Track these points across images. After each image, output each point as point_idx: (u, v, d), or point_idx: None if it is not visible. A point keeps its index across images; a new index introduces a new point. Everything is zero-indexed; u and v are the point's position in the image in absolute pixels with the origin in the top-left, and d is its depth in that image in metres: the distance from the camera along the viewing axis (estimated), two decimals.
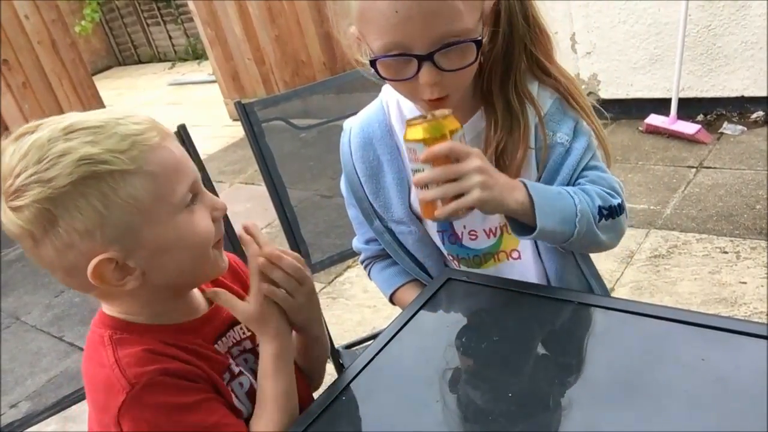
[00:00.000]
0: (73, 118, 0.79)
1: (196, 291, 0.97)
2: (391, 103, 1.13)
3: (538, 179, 1.05)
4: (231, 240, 1.53)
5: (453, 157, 0.89)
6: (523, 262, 1.14)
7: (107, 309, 0.89)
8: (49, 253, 0.79)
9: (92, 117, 0.80)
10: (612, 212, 1.04)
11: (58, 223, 0.76)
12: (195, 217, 0.85)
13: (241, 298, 0.98)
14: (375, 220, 1.18)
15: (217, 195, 1.51)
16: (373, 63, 0.94)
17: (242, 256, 1.54)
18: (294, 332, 0.98)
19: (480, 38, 0.93)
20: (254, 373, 0.95)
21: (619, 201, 1.06)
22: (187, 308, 0.94)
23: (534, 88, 1.05)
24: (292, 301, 0.92)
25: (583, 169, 1.06)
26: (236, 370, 0.94)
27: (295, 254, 0.93)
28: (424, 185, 0.91)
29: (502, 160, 1.05)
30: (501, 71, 1.02)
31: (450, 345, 0.95)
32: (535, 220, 0.95)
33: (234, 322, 0.98)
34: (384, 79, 0.98)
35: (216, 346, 0.94)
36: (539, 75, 1.05)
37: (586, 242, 1.02)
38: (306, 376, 1.05)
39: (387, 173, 1.14)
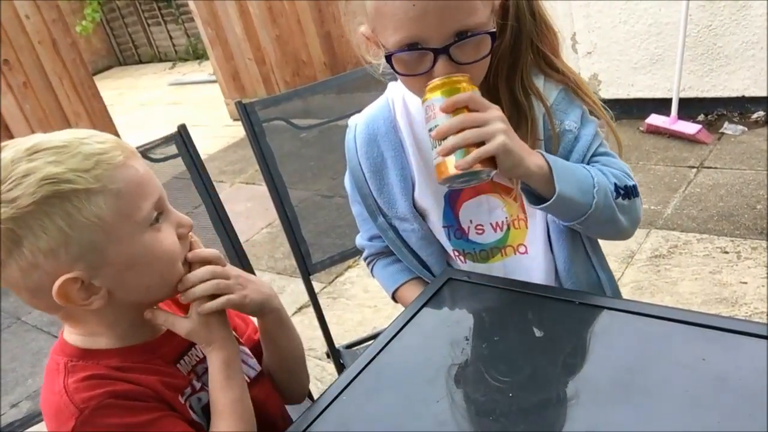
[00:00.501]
0: (37, 138, 0.80)
1: None
2: (397, 100, 1.14)
3: None
4: (231, 240, 1.53)
5: (473, 107, 0.89)
6: (530, 256, 1.14)
7: (69, 334, 0.89)
8: (14, 274, 0.79)
9: (56, 137, 0.80)
10: (628, 192, 1.03)
11: (22, 243, 0.76)
12: (160, 234, 0.85)
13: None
14: (379, 217, 1.18)
15: (217, 194, 1.52)
16: (388, 58, 0.95)
17: (244, 258, 1.55)
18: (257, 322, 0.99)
19: (494, 30, 0.94)
20: None
21: (634, 183, 1.06)
22: (150, 328, 0.93)
23: (540, 82, 1.06)
24: (234, 297, 0.90)
25: (593, 155, 1.07)
26: (197, 385, 0.93)
27: (208, 252, 0.91)
28: (443, 137, 0.88)
29: None
30: (507, 67, 1.03)
31: (451, 345, 0.95)
32: (552, 187, 0.94)
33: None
34: (399, 74, 0.98)
35: (179, 365, 0.93)
36: (546, 70, 1.06)
37: (604, 218, 1.01)
38: (280, 389, 1.05)
39: (390, 169, 1.14)
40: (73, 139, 0.80)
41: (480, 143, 0.87)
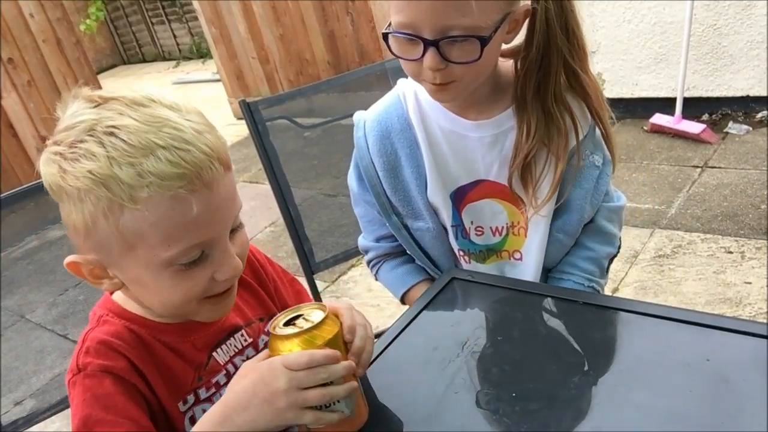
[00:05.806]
0: (132, 118, 0.73)
1: None
2: (409, 95, 1.12)
3: (559, 194, 1.08)
4: None
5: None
6: (522, 264, 1.15)
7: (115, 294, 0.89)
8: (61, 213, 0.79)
9: (144, 129, 0.72)
10: (611, 260, 1.18)
11: (62, 202, 0.77)
12: (184, 276, 0.78)
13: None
14: (392, 216, 1.16)
15: None
16: (385, 36, 0.96)
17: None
18: None
19: (485, 36, 0.91)
20: None
21: (618, 244, 1.19)
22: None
23: (575, 105, 1.04)
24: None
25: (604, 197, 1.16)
26: (204, 394, 0.88)
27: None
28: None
29: (529, 170, 1.05)
30: (536, 79, 1.01)
31: (454, 344, 0.95)
32: None
33: (235, 330, 0.93)
34: (393, 55, 0.99)
35: (215, 354, 0.90)
36: (576, 87, 1.04)
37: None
38: None
39: (405, 167, 1.12)
40: (151, 144, 0.71)
41: None
